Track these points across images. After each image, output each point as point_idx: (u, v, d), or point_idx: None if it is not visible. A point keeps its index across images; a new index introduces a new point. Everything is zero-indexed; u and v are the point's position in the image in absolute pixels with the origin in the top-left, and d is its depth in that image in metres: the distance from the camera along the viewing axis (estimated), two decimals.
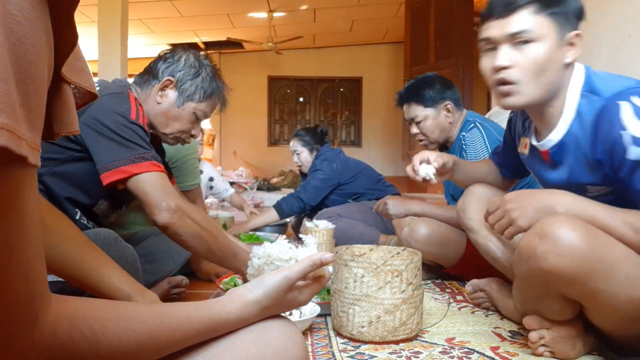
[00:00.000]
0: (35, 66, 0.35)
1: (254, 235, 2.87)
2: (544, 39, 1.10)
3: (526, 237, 1.07)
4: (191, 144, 2.20)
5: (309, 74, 8.77)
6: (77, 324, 0.43)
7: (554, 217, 1.03)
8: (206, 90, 1.51)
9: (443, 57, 5.11)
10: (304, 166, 3.20)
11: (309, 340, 1.31)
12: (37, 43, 0.35)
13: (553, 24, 1.11)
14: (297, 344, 0.61)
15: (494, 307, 1.58)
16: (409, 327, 1.28)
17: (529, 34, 1.10)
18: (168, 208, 1.25)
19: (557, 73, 1.13)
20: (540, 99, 1.15)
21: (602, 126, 1.06)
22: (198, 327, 0.55)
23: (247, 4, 6.26)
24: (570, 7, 1.12)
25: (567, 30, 1.12)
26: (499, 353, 1.22)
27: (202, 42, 7.94)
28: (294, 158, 3.24)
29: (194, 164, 2.24)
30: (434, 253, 1.94)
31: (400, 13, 6.38)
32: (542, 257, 1.01)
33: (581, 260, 0.98)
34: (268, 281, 0.63)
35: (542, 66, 1.11)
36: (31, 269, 0.38)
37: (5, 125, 0.31)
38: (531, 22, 1.10)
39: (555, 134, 1.18)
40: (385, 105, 8.38)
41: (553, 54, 1.11)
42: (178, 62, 1.50)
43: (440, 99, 2.08)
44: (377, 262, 1.27)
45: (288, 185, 7.17)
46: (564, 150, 1.18)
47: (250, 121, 8.70)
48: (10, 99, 0.32)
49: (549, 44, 1.11)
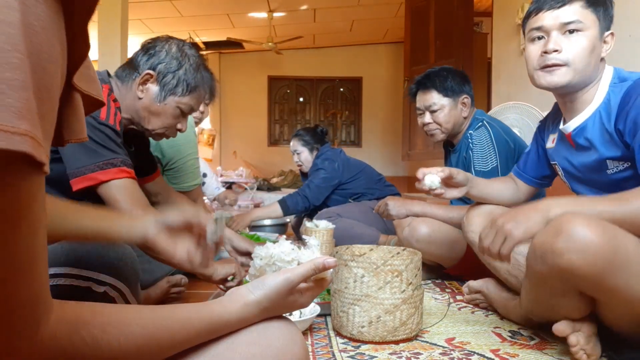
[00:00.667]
0: (49, 74, 0.36)
1: (254, 236, 2.87)
2: (589, 30, 1.25)
3: (541, 235, 1.08)
4: (191, 143, 2.19)
5: (309, 74, 8.77)
6: (78, 330, 0.43)
7: (568, 215, 1.04)
8: (190, 83, 1.42)
9: (443, 57, 5.10)
10: (304, 166, 3.20)
11: (309, 340, 1.31)
12: (51, 52, 0.36)
13: (596, 20, 1.26)
14: (298, 344, 0.61)
15: (491, 307, 1.58)
16: (409, 327, 1.28)
17: (579, 24, 1.25)
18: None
19: (594, 63, 1.27)
20: (579, 82, 1.28)
21: (628, 97, 1.19)
22: (198, 329, 0.55)
23: (247, 4, 6.26)
24: (609, 9, 1.28)
25: (605, 28, 1.28)
26: (499, 354, 1.22)
27: (202, 42, 7.94)
28: (294, 158, 3.24)
29: (194, 165, 2.23)
30: (435, 253, 1.94)
31: (400, 13, 6.38)
32: (559, 254, 1.02)
33: (598, 256, 0.99)
34: (269, 282, 0.63)
35: (586, 53, 1.26)
36: (36, 274, 0.39)
37: (28, 132, 0.32)
38: (581, 13, 1.25)
39: (580, 118, 1.31)
40: (385, 106, 8.38)
41: (595, 44, 1.26)
42: (159, 54, 1.41)
43: (460, 91, 2.06)
44: (377, 262, 1.27)
45: (288, 185, 7.16)
46: (585, 131, 1.29)
47: (250, 121, 8.70)
48: (31, 105, 0.33)
49: (593, 35, 1.26)
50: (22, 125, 0.32)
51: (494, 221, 1.20)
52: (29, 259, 0.37)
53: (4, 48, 0.32)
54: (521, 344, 1.29)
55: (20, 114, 0.32)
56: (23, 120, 0.32)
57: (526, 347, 1.26)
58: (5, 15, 0.33)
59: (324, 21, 7.12)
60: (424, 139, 5.10)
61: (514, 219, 1.15)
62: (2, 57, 0.32)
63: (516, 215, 1.16)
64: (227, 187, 6.54)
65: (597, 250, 0.99)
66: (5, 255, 0.35)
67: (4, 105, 0.31)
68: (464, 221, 1.63)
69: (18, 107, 0.32)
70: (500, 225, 1.16)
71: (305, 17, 6.96)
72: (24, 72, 0.33)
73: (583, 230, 1.00)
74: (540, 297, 1.21)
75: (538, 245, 1.09)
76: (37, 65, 0.35)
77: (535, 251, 1.10)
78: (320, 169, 3.03)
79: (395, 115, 7.69)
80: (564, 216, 1.05)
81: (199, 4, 6.12)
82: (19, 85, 0.32)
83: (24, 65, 0.33)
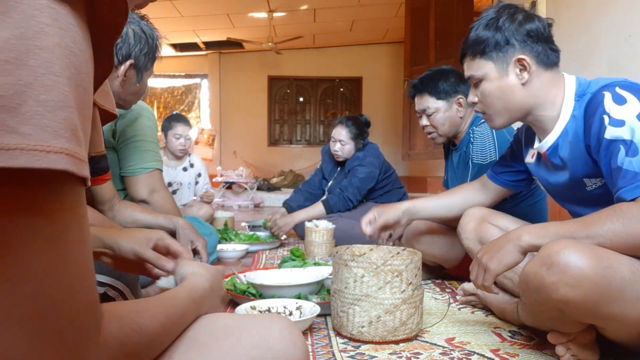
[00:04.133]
0: (88, 93, 0.39)
1: (253, 236, 2.87)
2: (487, 76, 1.30)
3: (532, 266, 1.04)
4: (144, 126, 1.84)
5: (309, 74, 8.77)
6: (126, 322, 0.47)
7: (557, 243, 1.01)
8: (155, 53, 1.52)
9: (443, 57, 5.10)
10: (342, 156, 3.11)
11: (309, 340, 1.31)
12: (88, 71, 0.40)
13: (488, 62, 1.29)
14: (298, 346, 0.61)
15: (487, 309, 1.58)
16: (409, 327, 1.28)
17: (476, 76, 1.31)
18: None
19: (519, 94, 1.28)
20: (513, 118, 1.31)
21: (589, 113, 1.16)
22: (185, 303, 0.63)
23: (247, 4, 6.27)
24: (492, 43, 1.27)
25: (507, 60, 1.27)
26: (499, 354, 1.22)
27: (202, 42, 7.94)
28: (334, 145, 3.10)
29: (143, 147, 1.80)
30: (436, 254, 1.94)
31: (400, 13, 6.38)
32: (553, 289, 0.98)
33: (592, 288, 0.95)
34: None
35: (496, 96, 1.29)
36: (91, 278, 0.42)
37: (64, 150, 0.35)
38: (473, 66, 1.32)
39: (552, 136, 1.28)
40: (385, 105, 8.38)
41: (500, 84, 1.28)
42: (127, 39, 1.45)
43: (453, 92, 2.06)
44: (377, 262, 1.27)
45: (288, 185, 7.17)
46: (558, 150, 1.26)
47: (250, 121, 8.71)
48: (70, 124, 0.36)
49: (493, 78, 1.29)
50: (59, 143, 0.34)
51: (476, 256, 1.21)
52: (83, 265, 0.40)
53: (38, 72, 0.34)
54: (521, 344, 1.29)
55: (56, 133, 0.34)
56: (59, 138, 0.35)
57: (526, 347, 1.26)
58: (40, 40, 0.35)
59: (324, 21, 7.12)
60: (424, 139, 5.10)
61: (489, 252, 1.16)
62: (38, 80, 0.34)
63: (491, 247, 1.16)
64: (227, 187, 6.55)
65: (592, 284, 0.95)
66: (62, 264, 0.38)
67: (40, 126, 0.34)
68: (459, 229, 1.62)
69: (53, 126, 0.35)
70: (480, 258, 1.18)
71: (305, 17, 6.96)
72: (60, 92, 0.35)
73: (575, 261, 0.96)
74: (537, 318, 1.20)
75: (530, 277, 1.04)
76: (79, 85, 0.37)
77: (528, 283, 1.05)
78: (361, 165, 2.99)
79: (395, 115, 7.69)
80: (553, 245, 1.00)
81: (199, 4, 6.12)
82: (54, 106, 0.35)
83: (59, 85, 0.35)
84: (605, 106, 1.11)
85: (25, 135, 0.33)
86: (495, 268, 1.13)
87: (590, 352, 1.14)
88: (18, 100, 0.33)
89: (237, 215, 3.42)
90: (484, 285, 1.18)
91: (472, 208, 1.62)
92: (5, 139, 0.33)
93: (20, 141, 0.33)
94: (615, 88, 1.13)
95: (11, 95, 0.33)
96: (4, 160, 0.32)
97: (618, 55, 1.75)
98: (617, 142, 1.07)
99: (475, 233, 1.54)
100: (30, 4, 0.35)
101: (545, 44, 1.26)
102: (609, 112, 1.10)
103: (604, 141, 1.10)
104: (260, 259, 2.48)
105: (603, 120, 1.11)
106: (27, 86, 0.34)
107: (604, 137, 1.10)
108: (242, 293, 1.56)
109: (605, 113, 1.11)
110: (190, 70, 8.89)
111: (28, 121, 0.34)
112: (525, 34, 1.25)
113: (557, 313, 1.06)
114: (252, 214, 5.16)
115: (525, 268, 1.07)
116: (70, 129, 0.36)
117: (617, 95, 1.11)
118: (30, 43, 0.35)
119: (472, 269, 1.22)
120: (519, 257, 1.12)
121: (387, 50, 8.43)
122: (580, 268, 0.95)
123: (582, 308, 0.98)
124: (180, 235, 1.67)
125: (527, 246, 1.10)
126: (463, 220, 1.60)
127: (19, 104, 0.33)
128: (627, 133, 1.07)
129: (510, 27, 1.26)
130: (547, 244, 1.03)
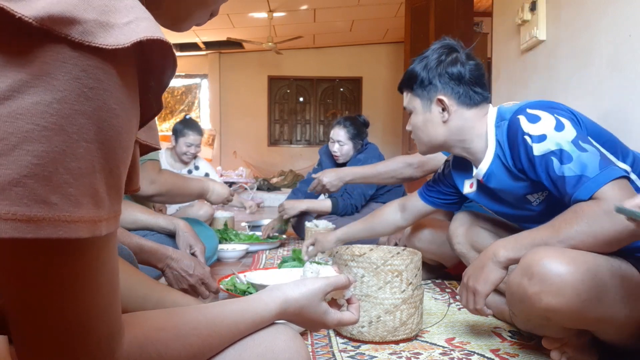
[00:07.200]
0: (127, 150, 0.40)
1: (253, 236, 2.87)
2: (415, 110, 1.40)
3: (514, 277, 1.05)
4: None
5: (309, 74, 8.77)
6: (147, 349, 0.48)
7: (536, 252, 1.02)
8: None
9: None
10: (341, 158, 3.08)
11: (309, 340, 1.31)
12: (130, 129, 0.40)
13: (416, 98, 1.39)
14: (303, 357, 0.62)
15: None
16: (409, 327, 1.28)
17: (407, 108, 1.43)
18: None
19: (440, 130, 1.37)
20: (434, 149, 1.42)
21: (512, 139, 1.22)
22: (243, 331, 0.59)
23: (247, 4, 6.26)
24: (419, 81, 1.37)
25: (430, 97, 1.36)
26: (499, 354, 1.22)
27: (202, 42, 7.94)
28: (332, 146, 3.07)
29: None
30: (436, 252, 1.94)
31: (400, 13, 6.38)
32: (536, 299, 0.99)
33: (574, 294, 0.96)
34: (309, 282, 0.70)
35: (420, 129, 1.40)
36: (115, 310, 0.44)
37: (82, 218, 0.36)
38: (406, 99, 1.43)
39: (485, 164, 1.33)
40: (385, 106, 8.38)
41: (424, 118, 1.38)
42: None
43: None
44: (377, 262, 1.27)
45: (288, 185, 7.17)
46: (494, 176, 1.31)
47: (250, 121, 8.70)
48: (92, 189, 0.37)
49: (419, 112, 1.39)
50: (79, 212, 0.36)
51: (462, 280, 1.22)
52: (109, 301, 0.43)
53: (72, 138, 0.35)
54: (521, 344, 1.29)
55: (78, 202, 0.36)
56: (80, 208, 0.36)
57: (526, 347, 1.26)
58: (81, 104, 0.35)
59: (324, 21, 7.12)
60: None
61: (473, 274, 1.18)
62: (71, 147, 0.35)
63: (474, 269, 1.18)
64: None
65: (573, 289, 0.96)
66: (89, 304, 0.41)
67: (65, 194, 0.35)
68: (449, 235, 1.62)
69: (77, 194, 0.36)
70: (466, 283, 1.19)
71: (305, 17, 6.96)
72: (89, 159, 0.36)
73: (555, 269, 0.97)
74: (527, 325, 1.20)
75: (514, 288, 1.05)
76: (117, 146, 0.38)
77: (512, 294, 1.07)
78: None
79: (395, 115, 7.69)
80: (533, 255, 1.01)
81: None
82: (80, 173, 0.36)
83: (89, 152, 0.36)
84: (524, 128, 1.17)
85: (52, 205, 0.35)
86: (482, 289, 1.15)
87: (586, 353, 1.13)
88: (51, 168, 0.34)
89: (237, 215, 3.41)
90: (476, 309, 1.18)
91: (460, 212, 1.65)
92: (33, 209, 0.34)
93: (47, 213, 0.34)
94: (526, 110, 1.20)
95: (45, 163, 0.34)
96: (32, 231, 0.34)
97: (618, 54, 1.75)
98: (547, 154, 1.13)
99: (466, 237, 1.56)
100: (77, 65, 0.35)
101: (467, 86, 1.33)
102: (528, 132, 1.16)
103: (535, 159, 1.15)
104: (260, 259, 2.48)
105: (526, 141, 1.17)
106: (61, 153, 0.35)
107: (534, 155, 1.15)
108: (242, 293, 1.56)
109: (525, 134, 1.17)
110: (190, 70, 8.89)
111: (57, 190, 0.35)
112: (448, 77, 1.33)
113: (545, 321, 1.07)
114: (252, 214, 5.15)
115: (508, 279, 1.09)
116: (91, 194, 0.37)
117: (530, 115, 1.18)
118: (71, 107, 0.35)
119: (461, 294, 1.22)
120: (502, 272, 1.14)
121: (387, 50, 8.43)
122: (559, 276, 0.96)
123: (567, 315, 0.98)
124: (180, 238, 1.68)
125: (505, 261, 1.12)
126: (452, 226, 1.62)
127: (51, 172, 0.34)
128: (552, 144, 1.12)
129: (435, 68, 1.34)
130: (527, 254, 1.04)
